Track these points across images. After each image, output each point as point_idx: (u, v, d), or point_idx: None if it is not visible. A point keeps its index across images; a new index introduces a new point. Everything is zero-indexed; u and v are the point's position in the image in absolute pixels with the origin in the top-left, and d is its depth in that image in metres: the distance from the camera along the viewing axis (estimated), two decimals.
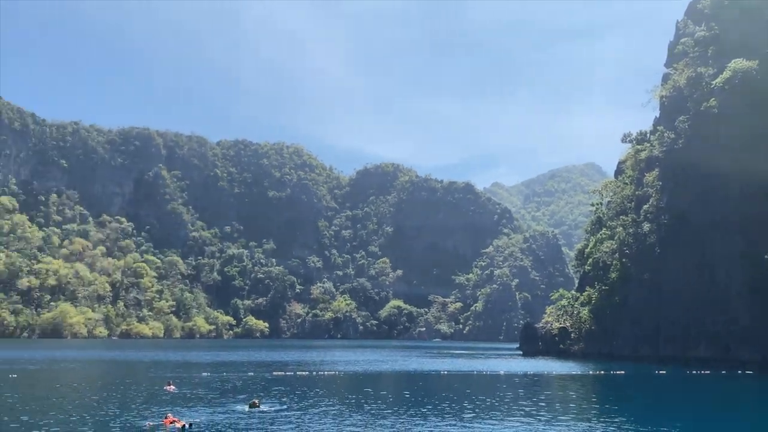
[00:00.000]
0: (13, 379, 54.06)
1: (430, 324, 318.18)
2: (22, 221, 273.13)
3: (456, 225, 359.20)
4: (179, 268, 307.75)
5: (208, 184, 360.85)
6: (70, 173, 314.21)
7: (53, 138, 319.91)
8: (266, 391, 45.90)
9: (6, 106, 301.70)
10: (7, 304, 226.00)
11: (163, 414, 30.65)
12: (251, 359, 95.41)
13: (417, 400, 41.41)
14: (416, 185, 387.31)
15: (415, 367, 79.85)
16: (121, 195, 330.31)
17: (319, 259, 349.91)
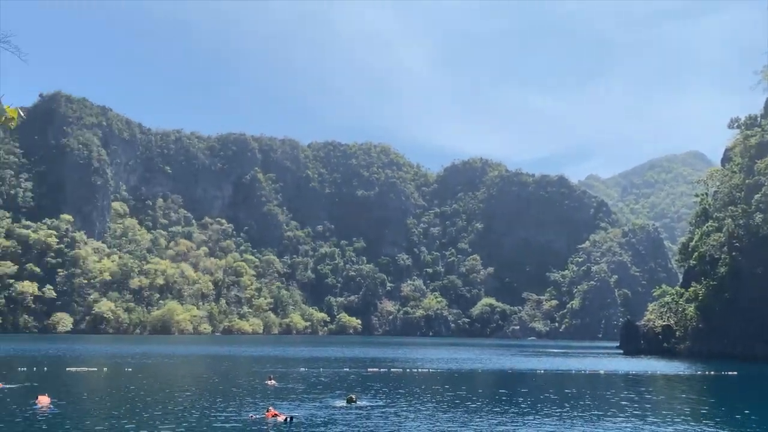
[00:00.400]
0: (128, 373, 58.07)
1: (524, 322, 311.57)
2: (132, 225, 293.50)
3: (549, 220, 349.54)
4: (276, 266, 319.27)
5: (301, 185, 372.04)
6: (174, 179, 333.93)
7: (158, 146, 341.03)
8: (362, 386, 46.67)
9: (116, 118, 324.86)
10: (121, 302, 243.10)
11: (265, 407, 31.85)
12: (346, 355, 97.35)
13: (513, 399, 40.68)
14: (506, 180, 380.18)
15: (510, 366, 78.49)
16: (221, 198, 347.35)
17: (408, 257, 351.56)
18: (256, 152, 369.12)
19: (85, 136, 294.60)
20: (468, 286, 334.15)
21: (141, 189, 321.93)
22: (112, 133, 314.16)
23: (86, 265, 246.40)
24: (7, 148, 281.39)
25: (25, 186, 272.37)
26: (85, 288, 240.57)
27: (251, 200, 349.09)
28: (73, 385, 46.12)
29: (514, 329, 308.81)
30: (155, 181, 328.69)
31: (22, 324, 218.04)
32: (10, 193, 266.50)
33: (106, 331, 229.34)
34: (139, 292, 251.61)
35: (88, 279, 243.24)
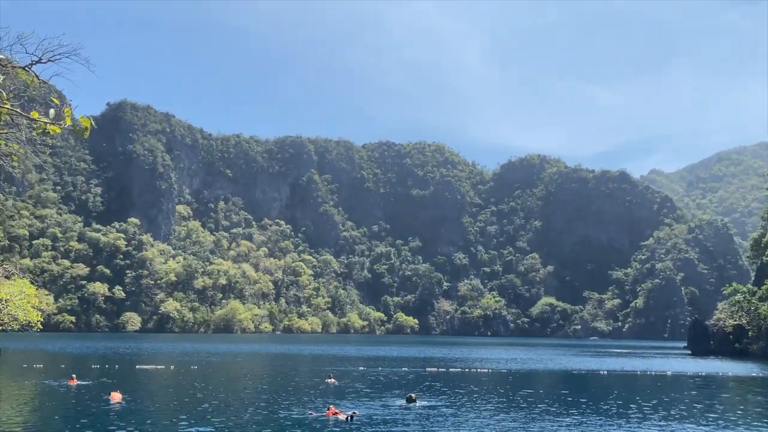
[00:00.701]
0: (194, 371, 59.96)
1: (586, 322, 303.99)
2: (195, 227, 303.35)
3: (611, 217, 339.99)
4: (333, 266, 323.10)
5: (356, 186, 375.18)
6: (234, 182, 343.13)
7: (219, 150, 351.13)
8: (421, 386, 46.65)
9: (178, 124, 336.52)
10: (186, 302, 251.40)
11: (325, 405, 32.27)
12: (404, 355, 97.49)
13: (575, 401, 39.78)
14: (565, 176, 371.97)
15: (572, 366, 76.75)
16: (279, 200, 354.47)
17: (465, 256, 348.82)
18: (312, 154, 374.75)
19: (150, 142, 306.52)
20: (527, 285, 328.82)
21: (203, 192, 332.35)
22: (175, 138, 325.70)
23: (153, 267, 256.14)
24: (78, 156, 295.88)
25: (95, 191, 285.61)
26: (152, 288, 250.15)
27: (308, 201, 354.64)
28: (143, 382, 48.02)
29: (575, 329, 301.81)
30: (216, 184, 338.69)
31: (94, 323, 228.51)
32: (81, 199, 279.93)
33: (172, 330, 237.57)
34: (203, 292, 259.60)
35: (154, 280, 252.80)
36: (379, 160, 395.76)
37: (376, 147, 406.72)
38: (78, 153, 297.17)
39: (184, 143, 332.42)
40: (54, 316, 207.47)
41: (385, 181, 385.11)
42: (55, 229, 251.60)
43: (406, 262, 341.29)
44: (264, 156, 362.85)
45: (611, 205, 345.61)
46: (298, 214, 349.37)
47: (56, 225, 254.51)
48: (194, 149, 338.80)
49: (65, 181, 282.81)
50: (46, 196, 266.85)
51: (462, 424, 28.82)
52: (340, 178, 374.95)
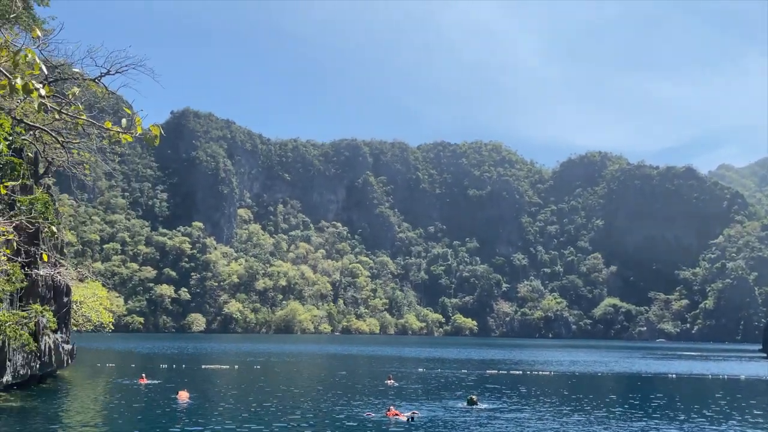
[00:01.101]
0: (257, 371, 61.33)
1: (652, 323, 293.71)
2: (256, 230, 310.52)
3: (677, 214, 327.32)
4: (389, 267, 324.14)
5: (411, 187, 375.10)
6: (292, 185, 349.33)
7: (277, 155, 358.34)
8: (481, 388, 46.18)
9: (239, 131, 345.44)
10: (248, 303, 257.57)
11: (385, 406, 32.37)
12: (463, 356, 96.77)
13: (642, 405, 38.47)
14: (628, 173, 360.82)
15: (638, 369, 74.31)
16: (335, 202, 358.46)
17: (524, 257, 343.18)
18: (367, 156, 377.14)
19: (212, 148, 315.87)
20: (589, 286, 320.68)
21: (263, 196, 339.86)
22: (235, 144, 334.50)
23: (216, 269, 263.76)
24: (145, 163, 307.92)
25: (161, 197, 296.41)
26: (215, 290, 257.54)
27: (364, 203, 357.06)
28: (208, 381, 49.47)
29: (640, 331, 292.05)
30: (276, 188, 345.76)
31: (161, 324, 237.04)
32: (148, 204, 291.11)
33: (235, 330, 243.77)
34: (263, 294, 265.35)
35: (218, 282, 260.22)
36: (435, 161, 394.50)
37: (431, 147, 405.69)
38: (144, 160, 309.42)
39: (245, 149, 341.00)
40: (124, 317, 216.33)
41: (440, 181, 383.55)
42: (124, 234, 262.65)
43: (463, 263, 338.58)
44: (320, 159, 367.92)
45: (677, 202, 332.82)
46: (355, 216, 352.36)
47: (125, 230, 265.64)
48: (254, 154, 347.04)
49: (133, 187, 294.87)
50: (115, 202, 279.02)
51: (524, 427, 28.35)
52: (396, 179, 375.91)
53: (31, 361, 35.80)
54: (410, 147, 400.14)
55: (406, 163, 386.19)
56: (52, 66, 41.75)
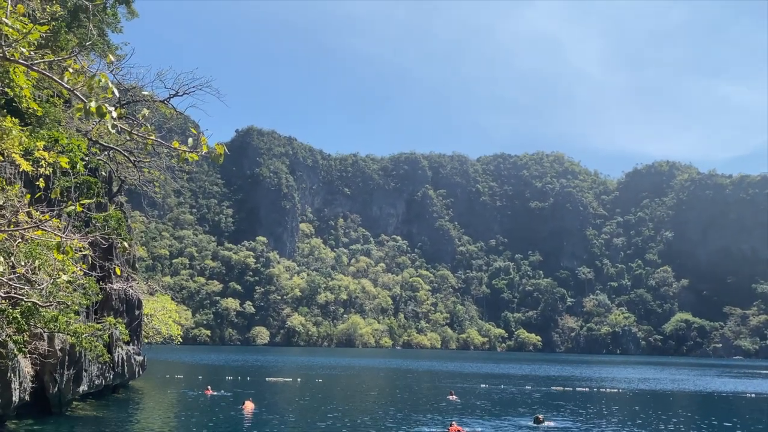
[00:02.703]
0: (319, 384, 61.86)
1: (728, 339, 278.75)
2: (317, 244, 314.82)
3: (753, 225, 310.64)
4: (450, 281, 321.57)
5: (471, 200, 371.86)
6: (352, 199, 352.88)
7: (337, 170, 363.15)
8: (547, 405, 44.96)
9: (300, 147, 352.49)
10: (310, 317, 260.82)
11: (448, 422, 31.95)
12: (526, 372, 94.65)
13: (717, 425, 36.46)
14: (698, 183, 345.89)
15: (713, 388, 70.63)
16: (395, 216, 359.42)
17: (590, 270, 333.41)
18: (427, 170, 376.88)
19: (275, 164, 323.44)
20: (659, 301, 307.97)
21: (324, 210, 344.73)
22: (297, 160, 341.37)
23: (279, 282, 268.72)
24: (211, 180, 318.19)
25: (227, 213, 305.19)
26: (279, 304, 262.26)
27: (423, 217, 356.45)
28: (272, 393, 50.25)
29: (715, 347, 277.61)
30: (336, 202, 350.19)
31: (227, 337, 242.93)
32: (214, 220, 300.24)
33: (298, 343, 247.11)
34: (325, 307, 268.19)
35: (281, 295, 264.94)
36: (495, 173, 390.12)
37: (491, 160, 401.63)
38: (211, 177, 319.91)
39: (306, 164, 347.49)
40: (192, 330, 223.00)
41: (501, 193, 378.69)
42: (192, 249, 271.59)
43: (526, 277, 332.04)
44: (380, 173, 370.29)
45: (753, 212, 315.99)
46: (414, 229, 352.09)
47: (193, 245, 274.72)
48: (315, 170, 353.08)
49: (200, 203, 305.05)
50: (183, 219, 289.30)
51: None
52: (455, 192, 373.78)
53: (106, 371, 37.35)
54: (470, 159, 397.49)
55: (465, 176, 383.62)
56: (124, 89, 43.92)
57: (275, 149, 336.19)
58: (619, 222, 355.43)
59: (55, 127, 36.62)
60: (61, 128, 37.99)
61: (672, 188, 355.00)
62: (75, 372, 31.18)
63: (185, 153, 9.82)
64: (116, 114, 7.89)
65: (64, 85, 8.51)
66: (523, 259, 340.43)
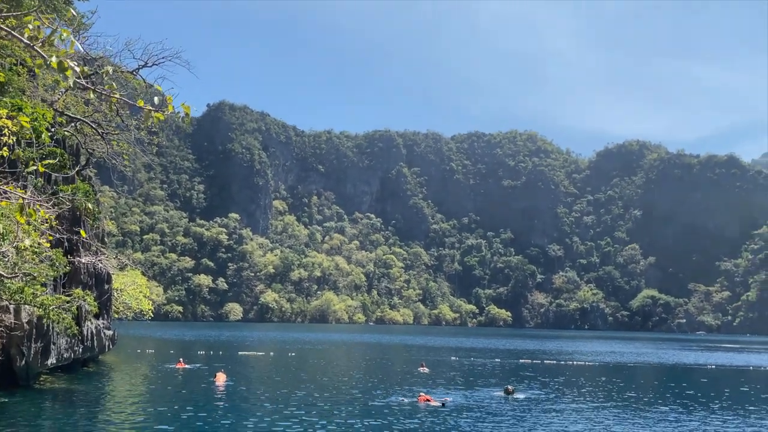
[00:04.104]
0: (291, 357, 62.21)
1: (692, 315, 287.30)
2: (291, 221, 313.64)
3: (718, 204, 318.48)
4: (423, 258, 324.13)
5: (445, 178, 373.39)
6: (326, 177, 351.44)
7: (311, 146, 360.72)
8: (515, 377, 45.96)
9: (273, 122, 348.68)
10: (284, 293, 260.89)
11: (417, 393, 32.51)
12: (496, 346, 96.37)
13: (680, 395, 37.77)
14: (667, 163, 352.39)
15: (676, 361, 72.91)
16: (369, 193, 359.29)
17: (559, 247, 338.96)
18: (401, 147, 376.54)
19: (248, 140, 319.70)
20: (626, 277, 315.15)
21: (297, 188, 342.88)
22: (270, 136, 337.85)
23: (253, 259, 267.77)
24: (182, 155, 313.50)
25: (198, 189, 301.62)
26: (252, 280, 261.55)
27: (397, 194, 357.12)
28: (245, 366, 50.40)
29: (679, 323, 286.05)
30: (310, 179, 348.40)
31: (199, 313, 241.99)
32: (186, 196, 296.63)
33: (271, 319, 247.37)
34: (299, 284, 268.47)
35: (254, 272, 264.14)
36: (469, 151, 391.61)
37: (465, 138, 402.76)
38: (182, 152, 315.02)
39: (279, 141, 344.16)
40: (163, 306, 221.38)
41: (474, 172, 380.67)
42: (163, 225, 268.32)
43: (497, 254, 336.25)
44: (354, 151, 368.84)
45: (719, 192, 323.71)
46: (388, 207, 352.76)
47: (164, 221, 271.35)
48: (288, 146, 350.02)
49: (171, 179, 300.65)
50: (154, 194, 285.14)
51: (561, 417, 28.14)
52: (429, 170, 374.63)
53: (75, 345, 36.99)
54: (444, 138, 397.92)
55: (439, 154, 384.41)
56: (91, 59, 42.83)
57: (247, 125, 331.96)
58: (590, 200, 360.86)
59: (19, 95, 35.67)
60: (26, 98, 37.02)
61: (642, 167, 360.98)
62: (43, 345, 30.84)
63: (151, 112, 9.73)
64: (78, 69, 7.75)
65: (23, 40, 8.33)
66: (495, 237, 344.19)
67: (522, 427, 24.50)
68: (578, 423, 26.06)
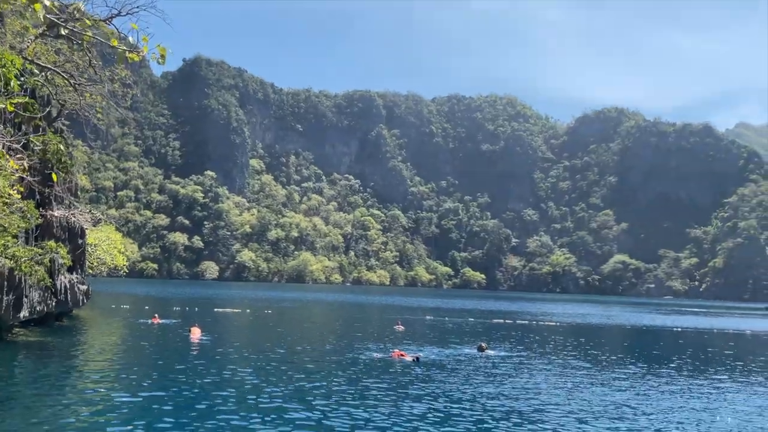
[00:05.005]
0: (268, 314, 62.57)
1: (661, 280, 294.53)
2: (268, 181, 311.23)
3: (691, 173, 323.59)
4: (401, 221, 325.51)
5: (425, 141, 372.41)
6: (305, 136, 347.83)
7: (289, 105, 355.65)
8: (488, 336, 46.91)
9: (251, 79, 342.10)
10: (261, 252, 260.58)
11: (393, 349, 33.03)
12: (470, 307, 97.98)
13: (647, 355, 39.00)
14: (643, 130, 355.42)
15: (644, 323, 75.00)
16: (348, 154, 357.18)
17: (535, 212, 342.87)
18: (381, 108, 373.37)
19: (224, 97, 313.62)
20: (599, 243, 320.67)
21: (275, 147, 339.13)
22: (247, 93, 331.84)
23: (229, 218, 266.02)
24: (157, 111, 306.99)
25: (173, 145, 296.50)
26: (228, 239, 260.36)
27: (376, 156, 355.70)
28: (221, 322, 50.61)
29: (648, 288, 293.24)
30: (288, 138, 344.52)
31: (175, 271, 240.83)
32: (161, 152, 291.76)
33: (248, 278, 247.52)
34: (276, 244, 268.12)
35: (230, 231, 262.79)
36: (449, 114, 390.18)
37: (445, 101, 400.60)
38: (156, 108, 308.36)
39: (256, 98, 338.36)
40: (138, 263, 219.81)
41: (454, 135, 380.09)
42: (138, 182, 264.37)
43: (474, 218, 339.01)
44: (333, 110, 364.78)
45: (692, 160, 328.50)
46: (367, 169, 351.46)
47: (138, 177, 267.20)
48: (266, 104, 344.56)
49: (146, 135, 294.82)
50: (128, 150, 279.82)
51: (531, 373, 28.88)
52: (409, 132, 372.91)
53: (48, 298, 36.67)
54: (424, 100, 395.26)
55: (419, 116, 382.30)
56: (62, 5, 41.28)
57: (224, 80, 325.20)
58: (566, 166, 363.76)
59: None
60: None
61: (619, 134, 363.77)
62: (15, 297, 30.49)
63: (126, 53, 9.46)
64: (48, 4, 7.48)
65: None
66: (472, 201, 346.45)
67: (493, 381, 25.13)
68: (549, 379, 26.81)
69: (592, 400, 21.92)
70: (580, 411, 19.95)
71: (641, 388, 25.22)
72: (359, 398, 20.35)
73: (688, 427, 18.47)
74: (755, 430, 18.65)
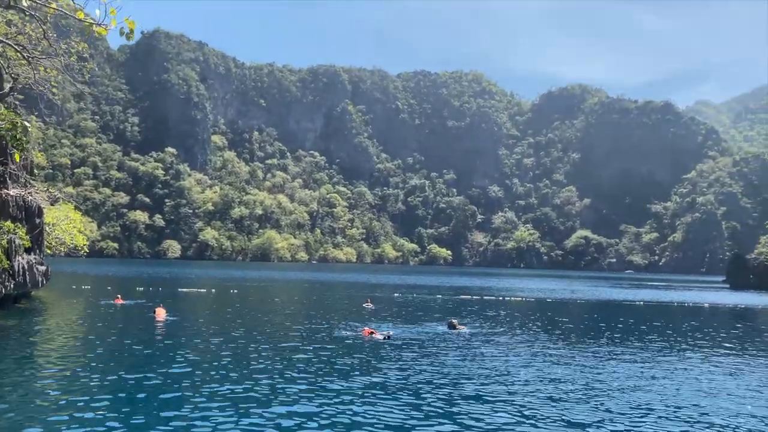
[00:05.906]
0: (234, 294, 61.77)
1: (622, 255, 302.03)
2: (231, 157, 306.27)
3: (652, 149, 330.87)
4: (367, 198, 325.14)
5: (390, 117, 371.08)
6: (268, 111, 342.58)
7: (252, 79, 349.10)
8: (455, 312, 47.19)
9: (212, 53, 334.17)
10: (224, 231, 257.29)
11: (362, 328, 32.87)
12: (437, 283, 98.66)
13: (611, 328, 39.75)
14: (606, 107, 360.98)
15: (608, 297, 76.67)
16: (313, 130, 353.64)
17: (500, 189, 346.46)
18: (346, 84, 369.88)
19: (184, 71, 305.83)
20: (562, 218, 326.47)
21: (238, 122, 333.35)
22: (208, 67, 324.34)
23: (191, 196, 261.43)
24: (114, 85, 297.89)
25: (132, 121, 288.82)
26: (190, 217, 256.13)
27: (342, 132, 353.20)
28: (186, 302, 49.70)
29: (610, 262, 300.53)
30: (251, 114, 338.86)
31: (136, 250, 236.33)
32: (119, 128, 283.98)
33: (211, 257, 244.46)
34: (239, 222, 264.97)
35: (193, 209, 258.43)
36: (415, 90, 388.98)
37: (411, 77, 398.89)
38: (114, 82, 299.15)
39: (218, 72, 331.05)
40: (98, 242, 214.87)
41: (420, 111, 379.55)
42: (96, 158, 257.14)
43: (440, 195, 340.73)
44: (297, 85, 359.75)
45: (653, 137, 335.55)
46: (333, 145, 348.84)
47: (96, 154, 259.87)
48: (228, 78, 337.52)
49: (103, 110, 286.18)
50: (85, 126, 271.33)
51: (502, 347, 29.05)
52: (375, 108, 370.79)
53: (5, 280, 35.36)
54: (390, 75, 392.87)
55: (385, 92, 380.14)
56: None
57: (184, 54, 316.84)
58: (531, 143, 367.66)
59: None
60: None
61: (582, 111, 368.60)
62: None
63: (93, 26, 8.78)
64: None
65: None
66: (438, 177, 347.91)
67: (464, 358, 25.17)
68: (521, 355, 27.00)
69: (564, 375, 22.12)
70: (553, 387, 20.09)
71: (610, 362, 25.59)
72: (329, 377, 20.09)
73: (655, 401, 18.75)
74: (727, 403, 19.05)
